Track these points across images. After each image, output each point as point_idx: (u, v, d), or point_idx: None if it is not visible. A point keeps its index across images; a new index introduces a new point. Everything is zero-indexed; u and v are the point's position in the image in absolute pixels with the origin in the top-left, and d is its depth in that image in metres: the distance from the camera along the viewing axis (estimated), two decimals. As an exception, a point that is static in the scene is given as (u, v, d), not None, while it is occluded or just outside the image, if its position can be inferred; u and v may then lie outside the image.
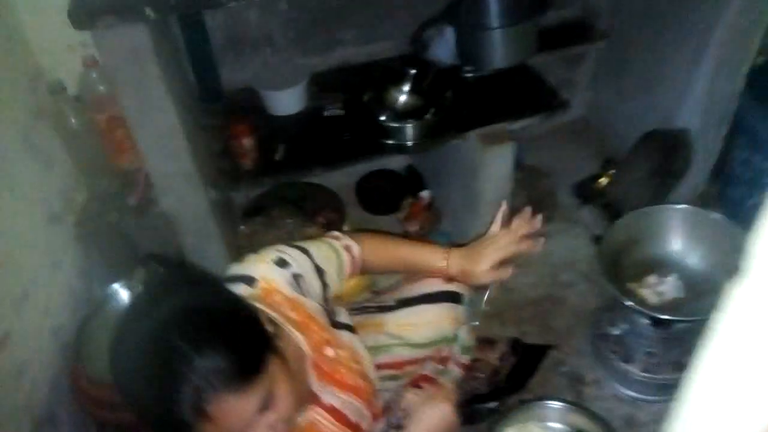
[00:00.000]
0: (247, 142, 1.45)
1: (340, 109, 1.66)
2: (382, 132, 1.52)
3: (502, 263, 1.11)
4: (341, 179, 1.91)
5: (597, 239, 1.38)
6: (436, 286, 1.20)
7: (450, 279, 1.19)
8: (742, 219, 1.84)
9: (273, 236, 1.65)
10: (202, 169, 1.35)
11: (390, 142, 1.50)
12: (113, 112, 1.38)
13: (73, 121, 1.41)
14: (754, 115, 1.67)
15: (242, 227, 1.68)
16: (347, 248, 1.10)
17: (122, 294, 1.40)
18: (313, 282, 1.01)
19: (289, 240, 1.07)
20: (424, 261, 1.15)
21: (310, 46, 1.78)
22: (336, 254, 1.07)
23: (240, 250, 1.52)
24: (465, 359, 1.37)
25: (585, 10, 1.95)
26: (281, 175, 1.53)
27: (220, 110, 1.62)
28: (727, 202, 1.89)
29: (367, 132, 1.54)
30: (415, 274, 1.22)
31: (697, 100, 1.70)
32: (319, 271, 1.02)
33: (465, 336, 1.33)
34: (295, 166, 1.52)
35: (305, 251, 1.02)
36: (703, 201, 1.95)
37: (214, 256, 1.46)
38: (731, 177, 1.83)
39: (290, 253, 0.99)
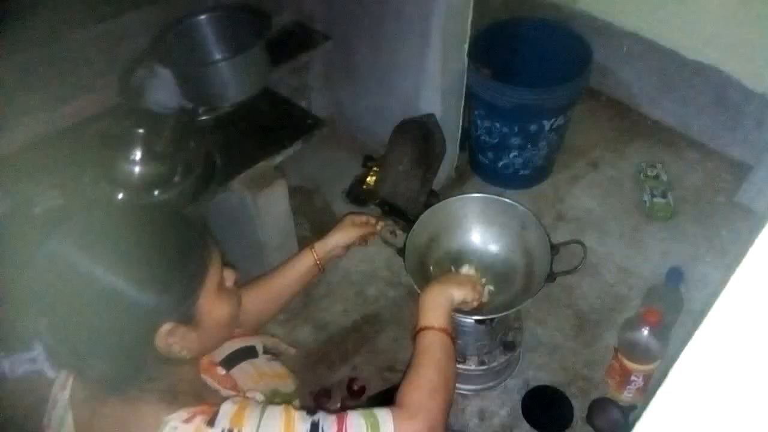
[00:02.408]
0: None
1: (56, 199, 1.29)
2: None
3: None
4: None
5: (400, 251, 1.31)
6: (228, 347, 1.04)
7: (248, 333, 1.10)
8: (497, 181, 1.99)
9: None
10: None
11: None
12: None
13: None
14: (482, 86, 1.77)
15: None
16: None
17: None
18: None
19: None
20: (296, 270, 1.17)
21: (-18, 126, 1.34)
22: None
23: None
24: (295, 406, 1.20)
25: (299, 14, 1.84)
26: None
27: None
28: (480, 168, 2.02)
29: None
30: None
31: (432, 83, 1.73)
32: None
33: (281, 384, 1.15)
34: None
35: None
36: (458, 173, 2.05)
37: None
38: (479, 146, 1.94)
39: None
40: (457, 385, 1.46)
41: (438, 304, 1.00)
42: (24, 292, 0.70)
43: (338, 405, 1.48)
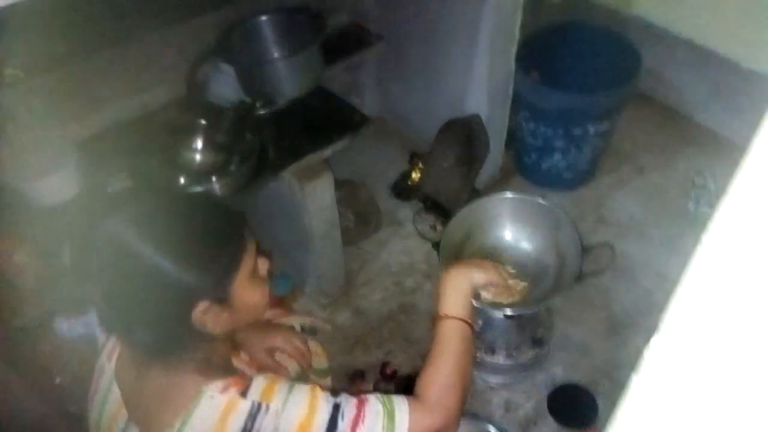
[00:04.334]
0: (21, 257, 1.17)
1: (126, 181, 1.42)
2: (185, 198, 1.33)
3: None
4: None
5: (435, 245, 1.38)
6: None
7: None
8: (540, 182, 2.02)
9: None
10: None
11: (198, 208, 1.32)
12: None
13: None
14: (529, 88, 1.81)
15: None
16: None
17: None
18: None
19: None
20: None
21: (65, 112, 1.49)
22: None
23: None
24: (326, 383, 1.30)
25: (354, 14, 1.93)
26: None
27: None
28: (524, 169, 2.06)
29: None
30: None
31: (480, 84, 1.79)
32: None
33: (316, 362, 1.25)
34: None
35: None
36: (503, 173, 2.09)
37: None
38: (523, 147, 1.98)
39: None
40: (485, 376, 1.53)
41: (459, 288, 1.00)
42: (85, 265, 0.80)
43: (371, 387, 1.57)
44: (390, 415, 0.83)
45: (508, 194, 1.46)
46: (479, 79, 1.77)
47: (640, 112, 2.19)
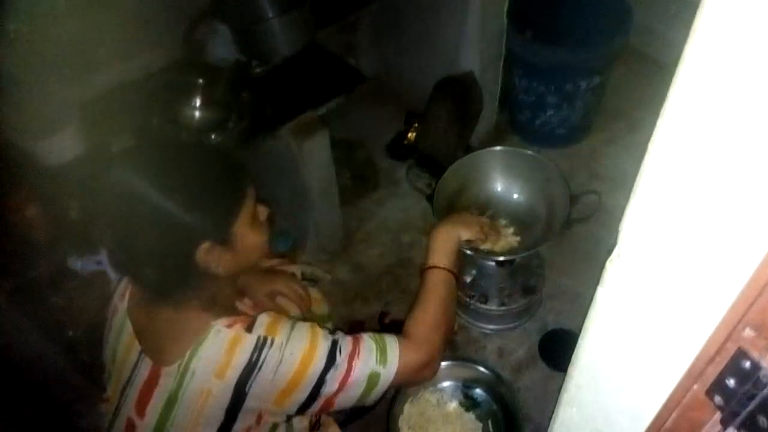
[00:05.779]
0: (32, 211, 1.22)
1: (128, 140, 1.47)
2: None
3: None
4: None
5: (429, 198, 1.43)
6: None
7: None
8: (534, 140, 2.06)
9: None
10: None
11: (198, 164, 1.37)
12: None
13: None
14: (520, 45, 1.83)
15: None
16: None
17: None
18: None
19: None
20: None
21: (65, 75, 1.53)
22: None
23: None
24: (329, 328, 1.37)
25: (347, -26, 1.94)
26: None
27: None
28: (518, 126, 2.09)
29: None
30: None
31: (472, 42, 1.81)
32: None
33: (316, 308, 1.31)
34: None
35: None
36: (497, 130, 2.13)
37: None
38: (517, 104, 2.01)
39: None
40: (479, 324, 1.59)
41: (446, 243, 1.09)
42: (95, 208, 0.86)
43: (370, 336, 1.63)
44: (382, 351, 0.90)
45: (499, 148, 1.51)
46: (471, 36, 1.79)
47: (633, 69, 2.21)
